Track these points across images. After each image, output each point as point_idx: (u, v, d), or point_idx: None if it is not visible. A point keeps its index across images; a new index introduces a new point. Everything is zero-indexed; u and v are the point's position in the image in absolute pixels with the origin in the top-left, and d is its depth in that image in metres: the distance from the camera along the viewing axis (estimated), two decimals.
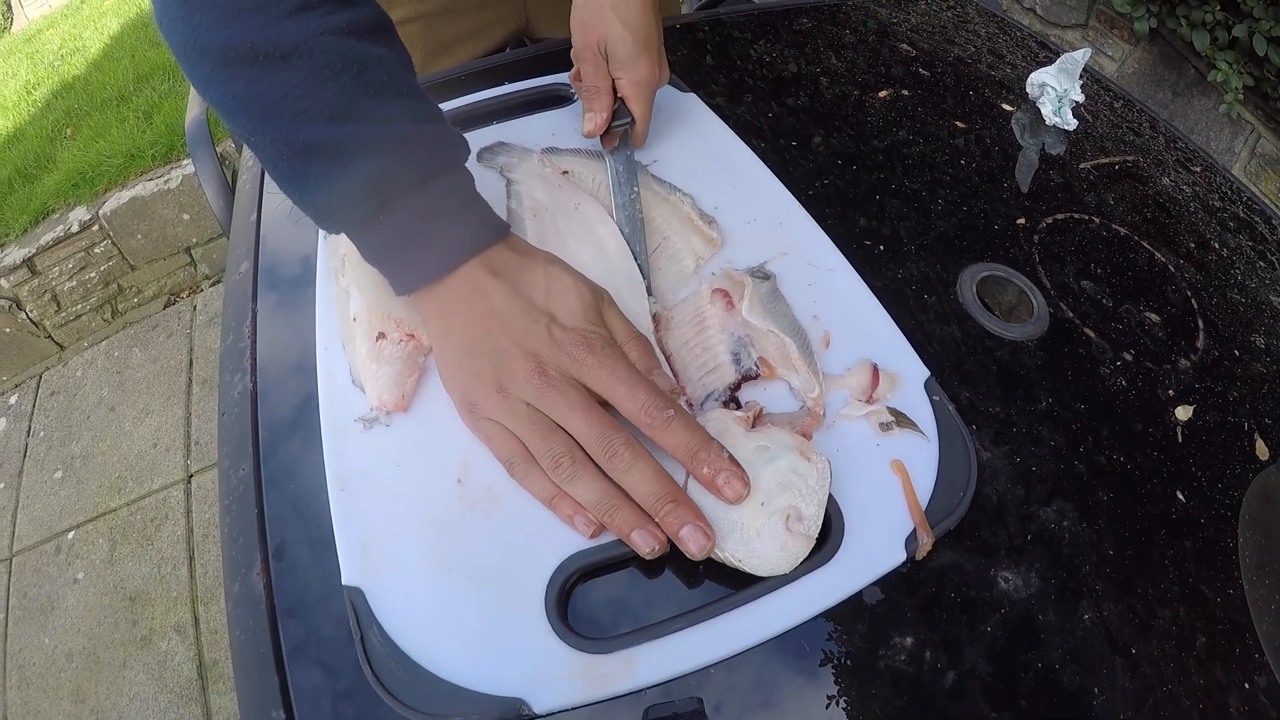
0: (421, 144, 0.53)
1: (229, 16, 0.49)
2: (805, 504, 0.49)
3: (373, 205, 0.52)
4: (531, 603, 0.47)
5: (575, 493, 0.49)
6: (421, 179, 0.53)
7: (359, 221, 0.53)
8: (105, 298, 2.81)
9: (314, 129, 0.50)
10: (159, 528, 2.14)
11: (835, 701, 0.45)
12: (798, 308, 0.61)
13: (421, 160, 0.53)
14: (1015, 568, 0.50)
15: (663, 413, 0.50)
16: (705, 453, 0.49)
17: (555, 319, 0.53)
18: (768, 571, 0.47)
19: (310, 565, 0.51)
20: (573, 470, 0.49)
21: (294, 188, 0.53)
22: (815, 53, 0.93)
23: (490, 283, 0.54)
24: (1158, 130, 0.91)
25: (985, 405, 0.58)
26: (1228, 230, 0.79)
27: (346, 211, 0.53)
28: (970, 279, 0.65)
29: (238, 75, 0.50)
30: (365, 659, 0.45)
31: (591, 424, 0.50)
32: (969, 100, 0.88)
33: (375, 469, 0.53)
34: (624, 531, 0.48)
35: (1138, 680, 0.47)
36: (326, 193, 0.52)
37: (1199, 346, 0.65)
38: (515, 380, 0.51)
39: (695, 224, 0.67)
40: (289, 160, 0.51)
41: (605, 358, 0.51)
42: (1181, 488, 0.56)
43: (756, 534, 0.48)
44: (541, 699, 0.44)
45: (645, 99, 0.72)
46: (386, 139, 0.52)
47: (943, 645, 0.47)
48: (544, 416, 0.51)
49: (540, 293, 0.54)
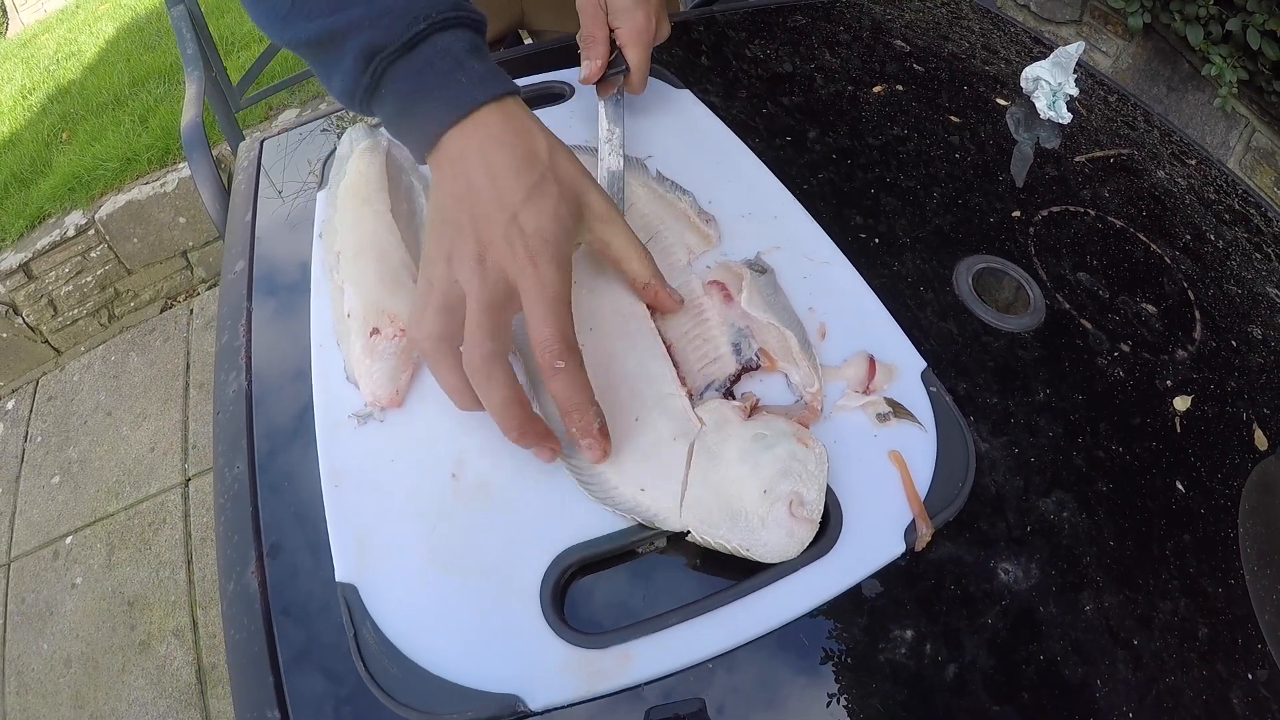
0: (399, 16, 0.54)
1: None
2: (807, 489, 0.49)
3: (370, 79, 0.54)
4: (527, 598, 0.47)
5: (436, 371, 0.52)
6: (407, 46, 0.54)
7: (370, 98, 0.56)
8: (102, 302, 2.80)
9: (317, 23, 0.54)
10: (157, 532, 2.14)
11: (835, 695, 0.45)
12: (794, 300, 0.61)
13: (402, 30, 0.54)
14: (1015, 559, 0.50)
15: (555, 359, 0.50)
16: (578, 413, 0.50)
17: (519, 220, 0.52)
18: (774, 558, 0.47)
19: (306, 563, 0.51)
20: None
21: (325, 79, 0.57)
22: (809, 49, 0.93)
23: (476, 154, 0.54)
24: (1152, 124, 0.91)
25: (982, 396, 0.58)
26: (1223, 223, 0.79)
27: (356, 89, 0.55)
28: (966, 271, 0.65)
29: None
30: (359, 656, 0.45)
31: (478, 321, 0.50)
32: (963, 95, 0.88)
33: (369, 465, 0.53)
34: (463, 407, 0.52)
35: (1140, 672, 0.46)
36: (340, 78, 0.55)
37: (1196, 338, 0.65)
38: (461, 257, 0.51)
39: (691, 220, 0.67)
40: (313, 55, 0.56)
41: (546, 276, 0.51)
42: (1181, 478, 0.55)
43: (761, 522, 0.48)
44: (537, 696, 0.43)
45: (641, 47, 0.73)
46: (366, 16, 0.54)
47: (943, 638, 0.47)
48: (459, 298, 0.51)
49: (522, 187, 0.53)
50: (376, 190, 0.66)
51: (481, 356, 0.49)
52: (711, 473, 0.50)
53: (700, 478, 0.50)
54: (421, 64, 0.54)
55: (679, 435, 0.52)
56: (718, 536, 0.47)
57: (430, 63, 0.54)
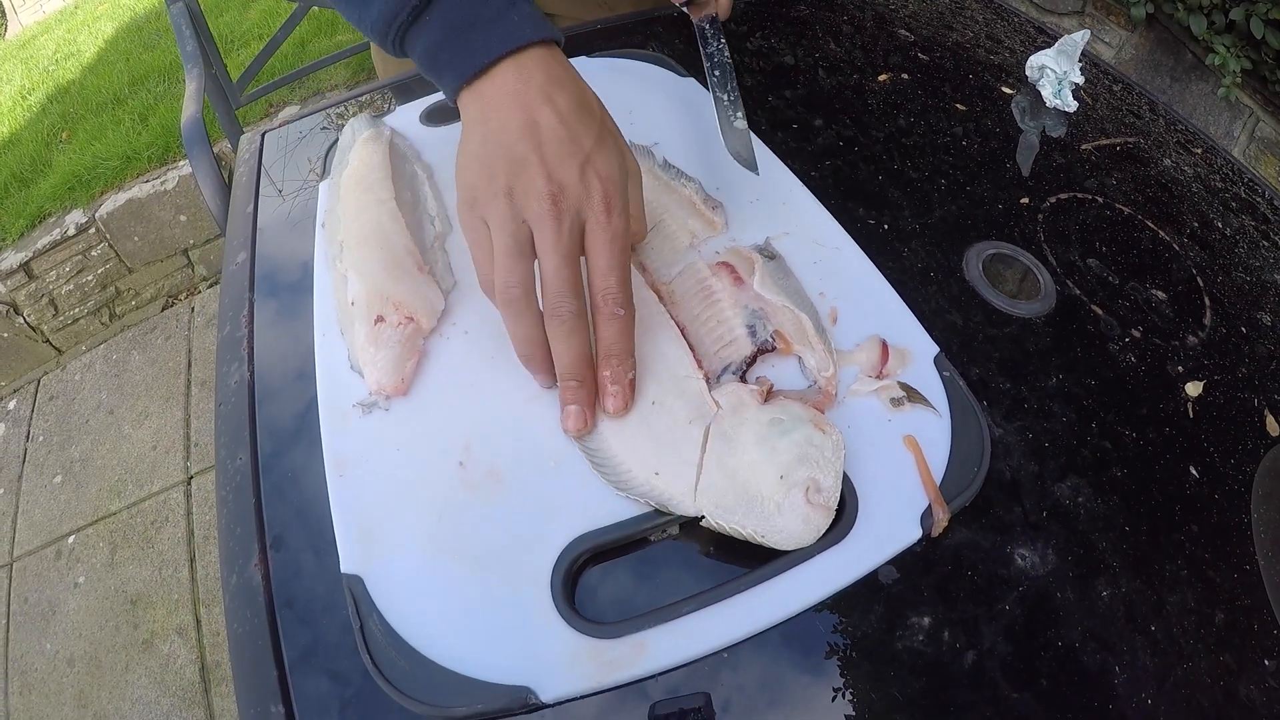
0: None
1: None
2: (824, 475, 0.48)
3: (417, 2, 0.54)
4: (537, 587, 0.46)
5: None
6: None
7: (411, 21, 0.55)
8: (103, 301, 2.79)
9: None
10: (159, 530, 2.13)
11: (852, 683, 0.44)
12: (804, 285, 0.60)
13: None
14: (1031, 544, 0.49)
15: (618, 307, 0.51)
16: (618, 360, 0.52)
17: (594, 164, 0.52)
18: (790, 545, 0.46)
19: (309, 555, 0.50)
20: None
21: (356, 8, 0.56)
22: (813, 39, 0.92)
23: (538, 91, 0.53)
24: (1157, 113, 0.90)
25: (995, 381, 0.57)
26: (1230, 211, 0.78)
27: (401, 11, 0.54)
28: (976, 257, 0.65)
29: None
30: (365, 648, 0.44)
31: (562, 274, 0.51)
32: (969, 84, 0.87)
33: (374, 454, 0.52)
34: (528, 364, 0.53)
35: (1156, 659, 0.46)
36: (381, 4, 0.54)
37: (1206, 324, 0.64)
38: (527, 194, 0.51)
39: (697, 207, 0.66)
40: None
41: (617, 227, 0.52)
42: (1194, 464, 0.55)
43: (777, 508, 0.47)
44: (549, 687, 0.42)
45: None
46: None
47: (961, 624, 0.46)
48: (528, 239, 0.51)
49: (590, 132, 0.53)
50: (380, 178, 0.66)
51: (571, 313, 0.51)
52: (727, 457, 0.49)
53: (715, 462, 0.49)
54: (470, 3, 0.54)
55: (695, 419, 0.51)
56: (732, 522, 0.47)
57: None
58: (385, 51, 0.58)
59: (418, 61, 0.57)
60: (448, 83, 0.56)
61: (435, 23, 0.54)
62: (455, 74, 0.54)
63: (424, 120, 0.77)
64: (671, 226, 0.65)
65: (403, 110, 0.79)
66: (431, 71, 0.56)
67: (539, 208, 0.50)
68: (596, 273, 0.51)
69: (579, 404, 0.51)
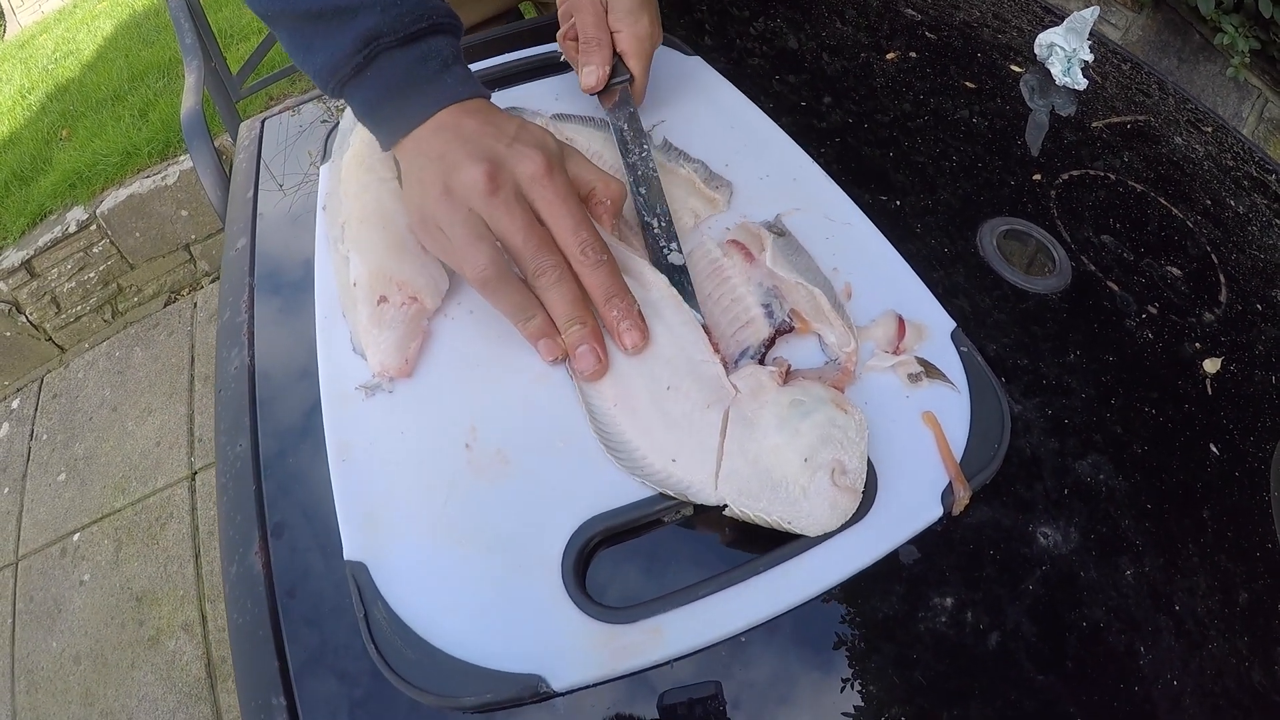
0: (409, 10, 0.56)
1: None
2: (848, 456, 0.46)
3: (361, 60, 0.56)
4: (548, 572, 0.44)
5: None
6: (406, 39, 0.56)
7: (352, 76, 0.57)
8: (105, 298, 2.79)
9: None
10: (164, 526, 2.13)
11: (873, 666, 0.43)
12: (817, 260, 0.59)
13: (407, 23, 0.56)
14: (1053, 522, 0.48)
15: (598, 254, 0.53)
16: (619, 299, 0.53)
17: (519, 139, 0.55)
18: (817, 530, 0.45)
19: (312, 542, 0.49)
20: (499, 279, 0.52)
21: (300, 51, 0.58)
22: (819, 16, 0.91)
23: (463, 119, 0.57)
24: (1166, 91, 0.89)
25: (1013, 357, 0.56)
26: (1241, 188, 0.77)
27: (341, 67, 0.56)
28: (990, 233, 0.64)
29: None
30: (370, 637, 0.43)
31: (530, 239, 0.52)
32: (977, 62, 0.86)
33: (378, 437, 0.50)
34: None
35: (1179, 639, 0.45)
36: (327, 52, 0.56)
37: (1222, 300, 0.63)
38: (463, 184, 0.53)
39: (697, 187, 0.65)
40: (299, 28, 0.57)
41: (560, 185, 0.54)
42: (1214, 441, 0.54)
43: (803, 492, 0.45)
44: (561, 675, 0.41)
45: (645, 55, 0.70)
46: (377, 2, 0.55)
47: (984, 605, 0.45)
48: (480, 223, 0.53)
49: (511, 123, 0.57)
50: (381, 158, 0.65)
51: (551, 265, 0.52)
52: (748, 442, 0.47)
53: (736, 447, 0.47)
54: (415, 58, 0.57)
55: (713, 403, 0.49)
56: (757, 509, 0.45)
57: (424, 59, 0.57)
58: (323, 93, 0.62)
59: (354, 110, 0.59)
60: (384, 135, 0.59)
61: (374, 81, 0.57)
62: (392, 129, 0.58)
63: None
64: (673, 206, 0.63)
65: None
66: (368, 121, 0.59)
67: (477, 188, 0.52)
68: (563, 231, 0.53)
69: (586, 342, 0.52)
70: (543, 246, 0.53)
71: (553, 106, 0.74)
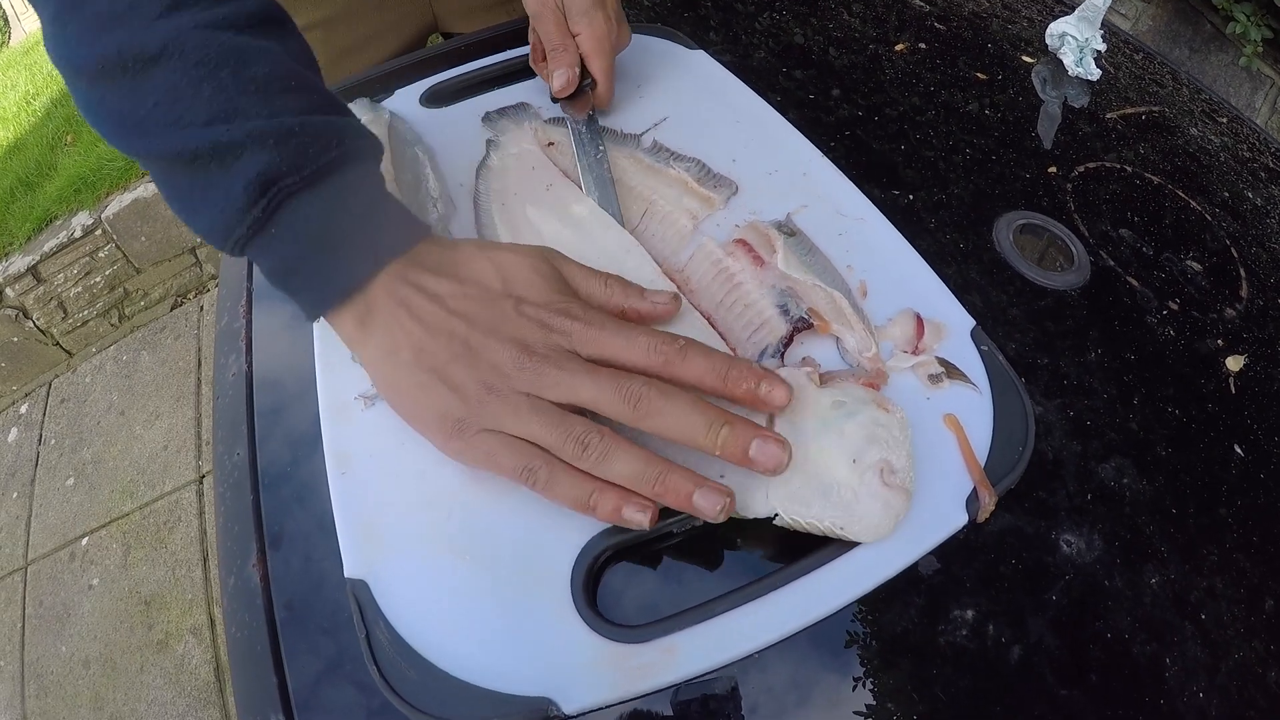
0: (311, 138, 0.46)
1: (97, 26, 0.45)
2: (895, 456, 0.44)
3: (260, 213, 0.45)
4: (556, 589, 0.43)
5: (614, 471, 0.43)
6: (314, 176, 0.46)
7: (252, 236, 0.46)
8: (111, 302, 2.79)
9: (190, 135, 0.44)
10: (172, 530, 2.13)
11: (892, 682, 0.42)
12: (830, 258, 0.57)
13: (311, 155, 0.46)
14: (1077, 529, 0.47)
15: (674, 345, 0.45)
16: (735, 370, 0.45)
17: (521, 299, 0.47)
18: (872, 536, 0.43)
19: (311, 555, 0.48)
20: (604, 446, 0.43)
21: (185, 209, 0.47)
22: (826, 7, 0.89)
23: (432, 282, 0.48)
24: (1180, 81, 0.88)
25: (1033, 356, 0.55)
26: (1259, 180, 0.76)
27: (237, 226, 0.45)
28: (1006, 227, 0.62)
29: (110, 90, 0.45)
30: (372, 658, 0.41)
31: (602, 382, 0.44)
32: (988, 53, 0.84)
33: (378, 449, 0.49)
34: (683, 497, 0.42)
35: (1206, 648, 0.44)
36: (214, 207, 0.45)
37: (1243, 296, 0.62)
38: (504, 373, 0.45)
39: (690, 187, 0.63)
40: (173, 176, 0.46)
41: (591, 318, 0.47)
42: (1239, 441, 0.52)
43: (854, 495, 0.43)
44: (571, 697, 0.39)
45: (605, 54, 0.67)
46: (267, 134, 0.45)
47: (1006, 616, 0.43)
48: (548, 403, 0.45)
49: (492, 278, 0.48)
50: (381, 162, 0.63)
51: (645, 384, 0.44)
52: (793, 447, 0.45)
53: None
54: (331, 201, 0.47)
55: (751, 410, 0.47)
56: (809, 516, 0.43)
57: (342, 199, 0.47)
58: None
59: (265, 274, 0.48)
60: (308, 305, 0.48)
61: (284, 240, 0.46)
62: (318, 298, 0.48)
63: (424, 102, 0.75)
64: (665, 208, 0.61)
65: (402, 93, 0.76)
66: (284, 289, 0.48)
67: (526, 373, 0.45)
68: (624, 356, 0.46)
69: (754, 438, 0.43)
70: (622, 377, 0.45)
71: (548, 103, 0.73)
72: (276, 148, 0.45)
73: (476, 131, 0.70)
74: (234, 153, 0.44)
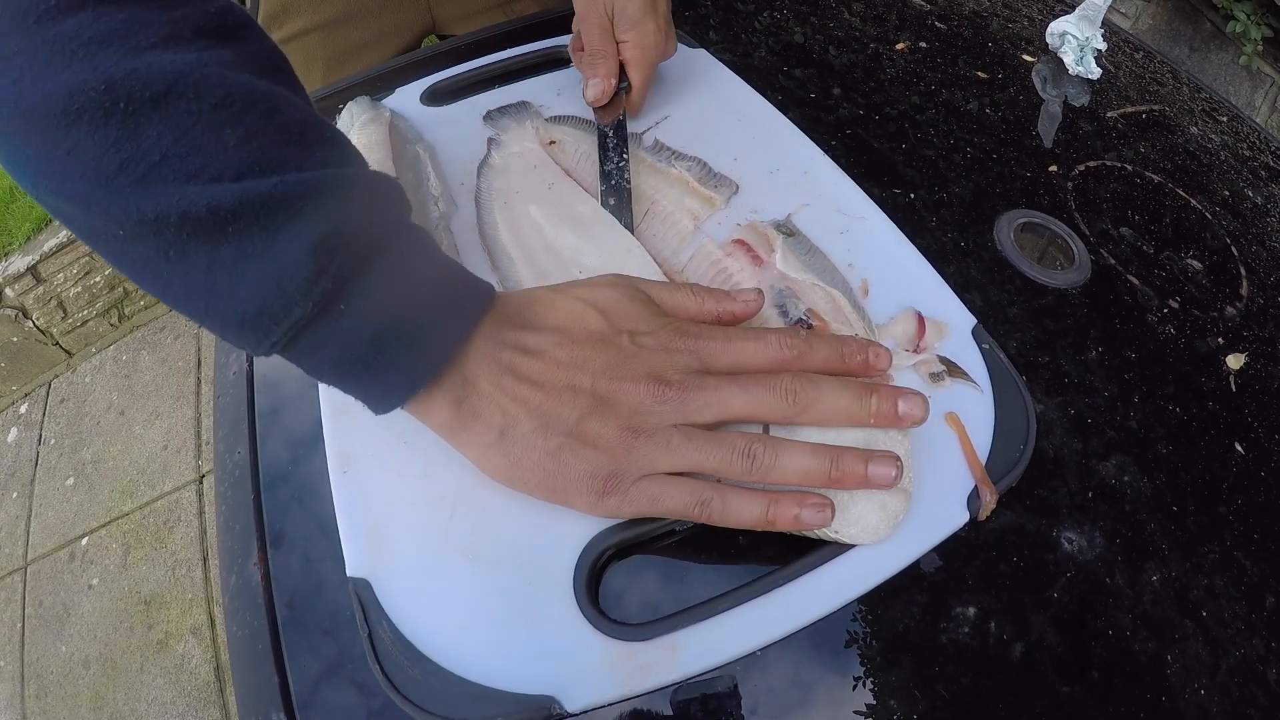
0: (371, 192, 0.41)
1: (64, 52, 0.35)
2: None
3: (330, 284, 0.38)
4: (559, 587, 0.43)
5: (789, 469, 0.42)
6: (383, 239, 0.40)
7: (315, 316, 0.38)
8: (111, 302, 2.79)
9: (220, 190, 0.36)
10: (172, 530, 2.12)
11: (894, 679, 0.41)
12: (831, 257, 0.57)
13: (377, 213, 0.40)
14: (1078, 527, 0.47)
15: (798, 335, 0.45)
16: (848, 346, 0.45)
17: (634, 332, 0.45)
18: (868, 538, 0.43)
19: (313, 554, 0.48)
20: (771, 449, 0.42)
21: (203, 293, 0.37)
22: (827, 6, 0.89)
23: (530, 339, 0.44)
24: (1180, 80, 0.88)
25: (1033, 355, 0.55)
26: (1259, 179, 0.76)
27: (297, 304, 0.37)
28: (1007, 226, 0.62)
29: (87, 136, 0.35)
30: (374, 657, 0.41)
31: (752, 388, 0.43)
32: (988, 52, 0.84)
33: (380, 446, 0.49)
34: (859, 476, 0.41)
35: (1207, 646, 0.44)
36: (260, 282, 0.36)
37: (1243, 294, 0.62)
38: (646, 412, 0.42)
39: (691, 186, 0.63)
40: (185, 250, 0.36)
41: (707, 332, 0.45)
42: (1239, 439, 0.52)
43: (851, 497, 0.43)
44: (574, 695, 0.39)
45: (647, 65, 0.66)
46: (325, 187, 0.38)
47: (1008, 614, 0.43)
48: (697, 429, 0.43)
49: (592, 318, 0.45)
50: (382, 160, 0.63)
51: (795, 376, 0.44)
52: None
53: None
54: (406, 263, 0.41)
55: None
56: None
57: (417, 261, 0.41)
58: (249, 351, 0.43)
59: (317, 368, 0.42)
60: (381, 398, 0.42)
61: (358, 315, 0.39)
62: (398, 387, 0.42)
63: (424, 100, 0.75)
64: (667, 208, 0.61)
65: (402, 91, 0.76)
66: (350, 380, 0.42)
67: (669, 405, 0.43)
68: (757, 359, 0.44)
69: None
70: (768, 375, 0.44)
71: (554, 101, 0.73)
72: (340, 205, 0.38)
73: (477, 130, 0.70)
74: (286, 209, 0.37)
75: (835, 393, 0.43)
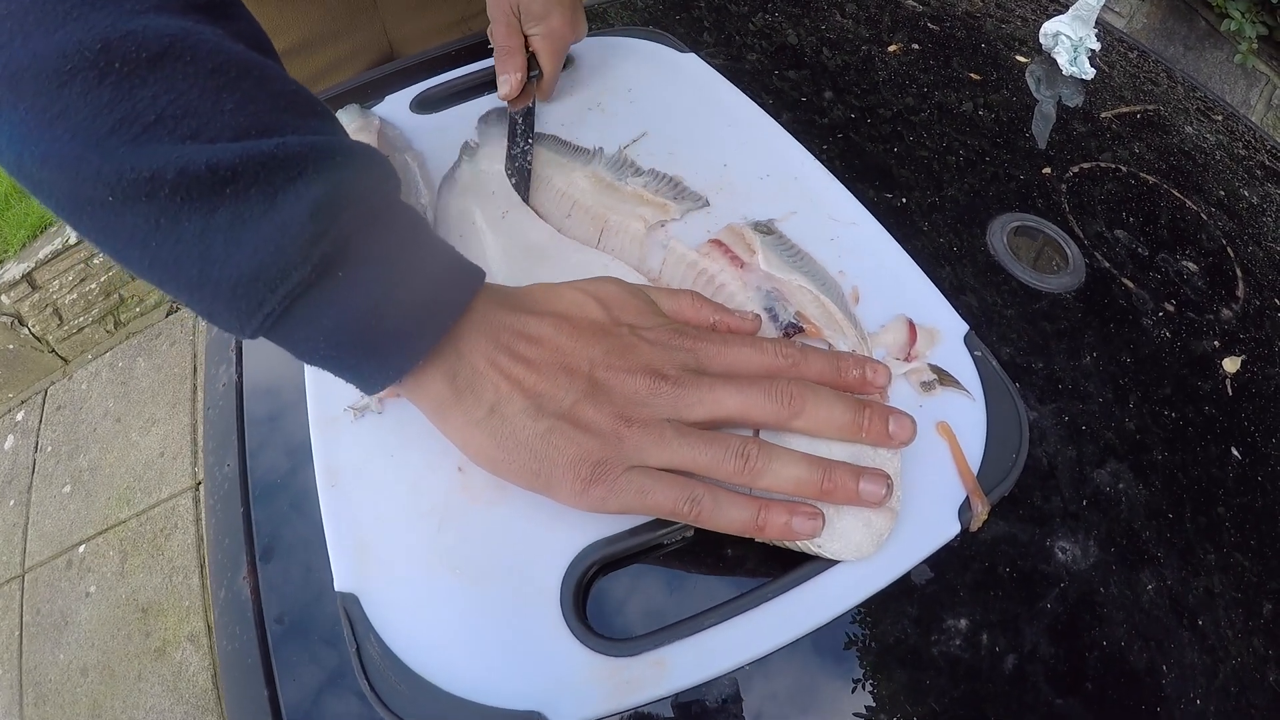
0: (368, 159, 0.40)
1: (60, 13, 0.34)
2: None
3: (330, 248, 0.37)
4: (546, 601, 0.42)
5: (781, 476, 0.42)
6: (382, 206, 0.40)
7: (314, 281, 0.37)
8: (107, 309, 2.78)
9: (219, 150, 0.35)
10: (169, 537, 2.12)
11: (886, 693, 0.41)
12: (823, 263, 0.56)
13: (376, 179, 0.40)
14: (1072, 536, 0.46)
15: (793, 346, 0.46)
16: (843, 360, 0.46)
17: (635, 325, 0.45)
18: (852, 555, 0.42)
19: (302, 568, 0.47)
20: (765, 453, 0.42)
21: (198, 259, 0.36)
22: (818, 8, 0.89)
23: (531, 323, 0.44)
24: (1175, 79, 0.87)
25: (1026, 360, 0.54)
26: (1254, 179, 0.75)
27: (295, 268, 0.36)
28: (1000, 229, 0.62)
29: (79, 98, 0.34)
30: (363, 672, 0.41)
31: (747, 389, 0.43)
32: (981, 53, 0.84)
33: (368, 461, 0.48)
34: (850, 491, 0.41)
35: (1204, 655, 0.43)
36: (257, 245, 0.35)
37: (1240, 296, 0.61)
38: (641, 403, 0.43)
39: (645, 199, 0.61)
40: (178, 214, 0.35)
41: (705, 334, 0.46)
42: (1236, 444, 0.52)
43: (836, 511, 0.43)
44: (561, 711, 0.39)
45: (556, 53, 0.69)
46: (325, 151, 0.37)
47: (1000, 626, 0.43)
48: (690, 425, 0.43)
49: (594, 309, 0.46)
50: None
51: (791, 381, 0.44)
52: None
53: None
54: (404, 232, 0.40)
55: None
56: None
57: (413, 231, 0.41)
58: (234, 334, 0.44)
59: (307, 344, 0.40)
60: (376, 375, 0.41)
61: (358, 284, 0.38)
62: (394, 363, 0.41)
63: (413, 108, 0.75)
64: (620, 217, 0.60)
65: (392, 99, 0.76)
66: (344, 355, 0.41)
67: (664, 398, 0.43)
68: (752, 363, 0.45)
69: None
70: (766, 379, 0.44)
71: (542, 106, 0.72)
72: (340, 170, 0.37)
73: (467, 137, 0.70)
74: (286, 170, 0.36)
75: (830, 402, 0.44)
